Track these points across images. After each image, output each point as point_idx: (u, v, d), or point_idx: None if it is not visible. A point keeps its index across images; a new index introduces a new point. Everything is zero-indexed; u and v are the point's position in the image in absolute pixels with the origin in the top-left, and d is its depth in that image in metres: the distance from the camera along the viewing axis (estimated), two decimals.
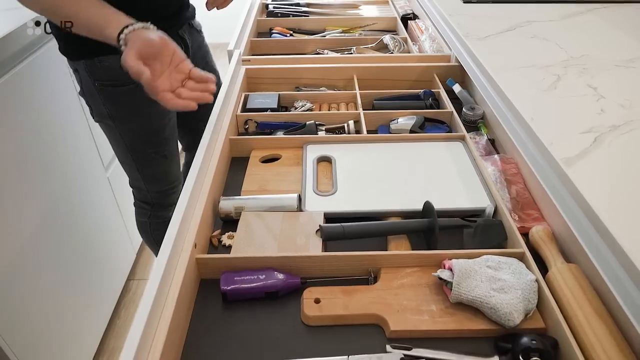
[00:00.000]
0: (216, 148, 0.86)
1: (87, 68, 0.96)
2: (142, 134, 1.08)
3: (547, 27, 1.08)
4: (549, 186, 0.70)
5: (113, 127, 1.07)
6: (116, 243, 1.62)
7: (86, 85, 1.00)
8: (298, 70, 1.13)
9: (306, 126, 0.94)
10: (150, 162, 1.12)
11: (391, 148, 0.89)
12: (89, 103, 1.05)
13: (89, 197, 1.43)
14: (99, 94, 0.99)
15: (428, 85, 1.15)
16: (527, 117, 0.73)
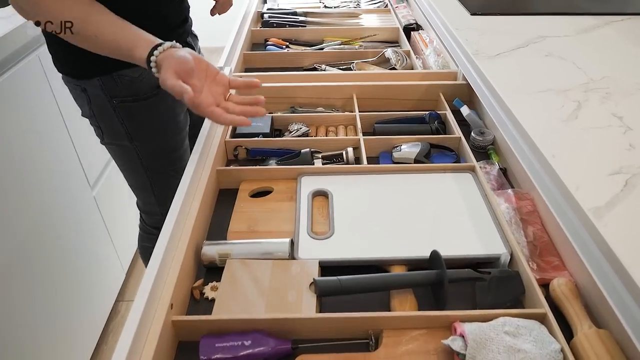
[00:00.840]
0: (201, 181, 0.79)
1: (103, 85, 0.89)
2: (161, 150, 1.03)
3: (562, 44, 1.00)
4: (572, 234, 0.62)
5: (129, 148, 1.00)
6: (104, 264, 1.55)
7: (98, 105, 0.93)
8: (293, 89, 1.05)
9: (301, 155, 0.86)
10: (167, 181, 1.05)
11: (394, 180, 0.81)
12: (99, 124, 0.97)
13: (74, 216, 1.35)
14: (117, 111, 0.93)
15: (433, 105, 1.07)
16: (548, 153, 0.65)
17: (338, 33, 1.42)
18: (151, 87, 0.91)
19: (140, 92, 0.92)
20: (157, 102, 0.93)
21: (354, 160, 0.87)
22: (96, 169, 1.44)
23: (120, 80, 0.89)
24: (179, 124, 1.03)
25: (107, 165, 1.49)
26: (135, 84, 0.90)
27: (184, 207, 0.71)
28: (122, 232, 1.63)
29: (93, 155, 1.42)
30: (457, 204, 0.76)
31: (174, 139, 1.03)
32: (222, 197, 0.84)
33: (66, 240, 1.31)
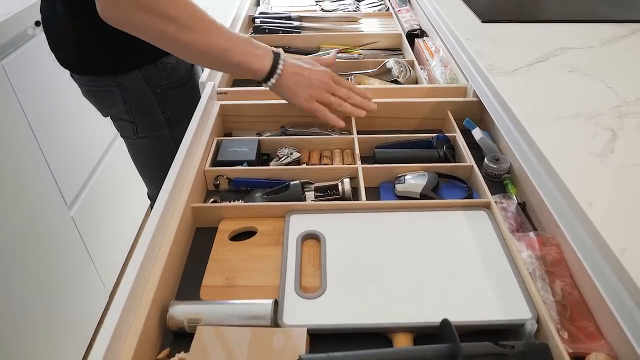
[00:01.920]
0: (173, 220, 0.68)
1: (146, 76, 0.91)
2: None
3: (587, 57, 0.88)
4: (611, 297, 0.51)
5: (167, 137, 1.02)
6: (86, 286, 1.45)
7: (137, 97, 0.94)
8: (284, 107, 0.94)
9: (290, 188, 0.75)
10: None
11: (396, 220, 0.70)
12: (134, 118, 0.97)
13: (51, 238, 1.26)
14: (160, 101, 0.95)
15: (440, 124, 0.96)
16: (584, 201, 0.54)
17: (335, 40, 1.31)
18: (187, 71, 0.96)
19: (179, 78, 0.95)
20: (192, 85, 0.96)
21: (350, 192, 0.76)
22: (73, 188, 1.33)
23: (164, 68, 0.91)
24: None
25: (85, 183, 1.39)
26: (175, 71, 0.93)
27: (150, 254, 0.60)
28: (104, 252, 1.53)
29: (70, 174, 1.32)
30: (470, 251, 0.65)
31: None
32: (199, 238, 0.73)
33: (43, 263, 1.23)
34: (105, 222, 1.52)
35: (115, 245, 1.62)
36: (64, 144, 1.30)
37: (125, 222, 1.70)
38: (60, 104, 1.27)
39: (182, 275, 0.67)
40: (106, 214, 1.53)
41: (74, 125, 1.34)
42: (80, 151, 1.37)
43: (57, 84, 1.26)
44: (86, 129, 1.40)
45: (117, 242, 1.62)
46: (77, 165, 1.35)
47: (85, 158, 1.40)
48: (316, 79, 0.83)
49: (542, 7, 1.18)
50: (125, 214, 1.69)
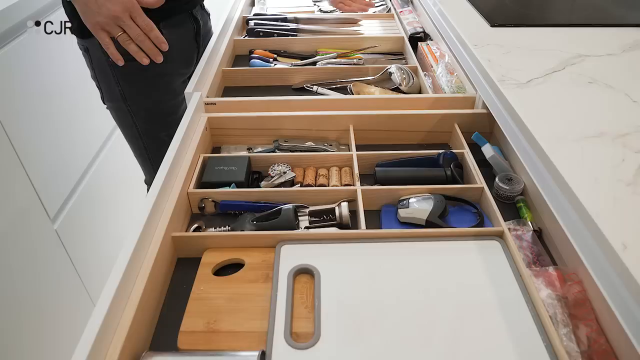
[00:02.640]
0: (150, 251, 0.61)
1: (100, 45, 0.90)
2: (155, 113, 1.06)
3: (607, 66, 0.81)
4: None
5: (125, 111, 1.04)
6: (73, 302, 1.38)
7: (98, 64, 0.98)
8: (278, 119, 0.87)
9: (282, 214, 0.68)
10: (162, 147, 0.94)
11: (399, 251, 0.63)
12: (100, 85, 1.03)
13: (35, 253, 1.19)
14: (112, 71, 0.98)
15: (446, 137, 0.89)
16: (616, 242, 0.47)
17: (334, 43, 1.23)
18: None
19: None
20: (150, 65, 0.91)
21: (348, 217, 0.69)
22: (56, 201, 1.26)
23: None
24: (174, 90, 1.06)
25: (70, 196, 1.31)
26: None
27: (120, 296, 0.53)
28: (92, 266, 1.46)
29: (53, 187, 1.25)
30: (483, 290, 0.58)
31: (167, 103, 1.06)
32: (181, 270, 0.66)
33: (27, 279, 1.16)
34: (92, 235, 1.45)
35: (103, 259, 1.55)
36: (46, 153, 1.22)
37: (114, 234, 1.63)
38: (41, 111, 1.20)
39: (159, 316, 0.60)
40: (93, 227, 1.46)
41: (57, 134, 1.27)
42: (64, 161, 1.30)
43: (38, 88, 1.18)
44: (72, 138, 1.33)
45: (105, 255, 1.55)
46: (61, 176, 1.28)
47: (70, 168, 1.33)
48: (106, 8, 0.81)
49: (555, 10, 1.11)
50: (114, 226, 1.62)
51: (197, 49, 1.11)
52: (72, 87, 1.33)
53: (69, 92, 1.32)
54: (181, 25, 1.04)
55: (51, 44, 1.24)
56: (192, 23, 1.07)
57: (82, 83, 1.35)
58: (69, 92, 1.32)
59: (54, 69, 1.25)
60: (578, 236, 0.54)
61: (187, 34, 1.07)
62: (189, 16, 1.06)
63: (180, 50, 1.05)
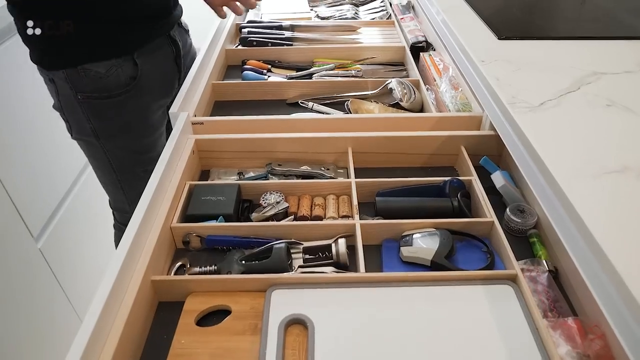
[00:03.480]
0: (127, 297, 0.55)
1: (68, 78, 0.84)
2: (131, 151, 0.96)
3: (625, 85, 0.75)
4: None
5: (97, 146, 0.94)
6: (60, 321, 1.32)
7: (65, 98, 0.88)
8: (271, 142, 0.81)
9: (273, 253, 0.62)
10: (138, 181, 0.93)
11: (402, 297, 0.57)
12: (67, 118, 0.92)
13: (18, 272, 1.14)
14: (82, 107, 0.87)
15: (452, 160, 0.83)
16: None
17: (331, 53, 1.17)
18: (119, 85, 0.86)
19: (107, 89, 0.85)
20: (125, 100, 0.87)
21: (346, 256, 0.63)
22: (39, 220, 1.20)
23: (86, 75, 0.83)
24: (152, 125, 0.97)
25: (54, 214, 1.26)
26: (102, 81, 0.84)
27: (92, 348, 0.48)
28: (77, 283, 1.40)
29: (36, 205, 1.19)
30: (494, 344, 0.52)
31: (144, 140, 0.97)
32: (162, 316, 0.60)
33: (13, 301, 1.11)
34: (77, 253, 1.39)
35: (90, 276, 1.49)
36: (28, 171, 1.16)
37: (100, 250, 1.58)
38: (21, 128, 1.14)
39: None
40: (78, 245, 1.40)
41: (39, 151, 1.21)
42: (47, 178, 1.24)
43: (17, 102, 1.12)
44: (55, 154, 1.27)
45: (91, 272, 1.50)
46: (44, 193, 1.22)
47: (53, 185, 1.27)
48: None
49: (566, 20, 1.04)
50: (100, 242, 1.56)
51: (178, 73, 1.00)
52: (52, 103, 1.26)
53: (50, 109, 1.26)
54: (159, 51, 0.92)
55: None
56: (170, 46, 0.95)
57: None
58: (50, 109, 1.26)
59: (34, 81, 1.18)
60: (600, 289, 0.48)
61: (166, 59, 0.95)
62: (166, 39, 0.94)
63: (159, 79, 0.94)
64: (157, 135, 0.99)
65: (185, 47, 1.02)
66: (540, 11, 1.10)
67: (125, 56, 0.85)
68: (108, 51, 0.83)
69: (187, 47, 1.04)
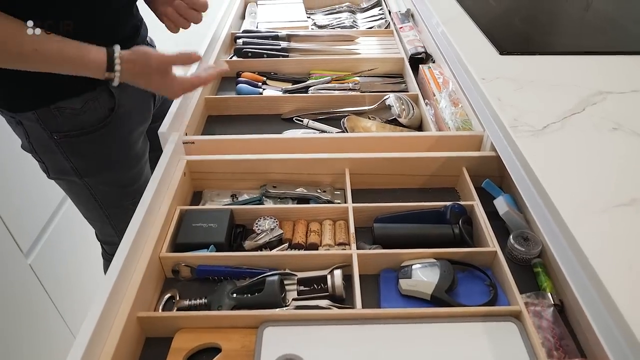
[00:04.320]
0: (112, 335, 0.53)
1: (40, 119, 0.77)
2: (117, 185, 0.92)
3: (633, 106, 0.72)
4: None
5: (80, 184, 0.89)
6: (52, 336, 1.30)
7: (37, 139, 0.81)
8: (266, 163, 0.78)
9: (266, 286, 0.59)
10: (126, 214, 0.80)
11: (400, 335, 0.54)
12: (41, 159, 0.86)
13: (9, 290, 1.11)
14: (60, 147, 0.81)
15: (453, 181, 0.81)
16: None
17: (328, 64, 1.14)
18: (98, 119, 0.81)
19: (85, 125, 0.80)
20: (105, 134, 0.82)
21: (342, 288, 0.61)
22: (29, 235, 1.17)
23: (60, 113, 0.77)
24: (136, 155, 0.91)
25: (44, 230, 1.23)
26: (79, 117, 0.79)
27: None
28: (68, 297, 1.37)
29: (25, 220, 1.16)
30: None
31: (128, 172, 0.92)
32: (149, 351, 0.57)
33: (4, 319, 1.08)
34: (68, 268, 1.36)
35: (81, 291, 1.47)
36: (18, 186, 1.13)
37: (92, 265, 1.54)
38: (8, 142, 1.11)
39: None
40: (69, 260, 1.37)
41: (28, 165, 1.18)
42: (37, 193, 1.21)
43: None
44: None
45: (83, 287, 1.47)
46: (34, 208, 1.19)
47: (42, 200, 1.24)
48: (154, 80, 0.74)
49: (570, 34, 1.02)
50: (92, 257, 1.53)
51: (153, 95, 0.94)
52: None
53: None
54: None
55: None
56: None
57: None
58: None
59: None
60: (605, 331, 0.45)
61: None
62: None
63: (137, 105, 0.88)
64: (142, 164, 0.94)
65: None
66: (542, 21, 1.07)
67: (100, 87, 0.78)
68: (80, 85, 0.74)
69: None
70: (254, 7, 1.48)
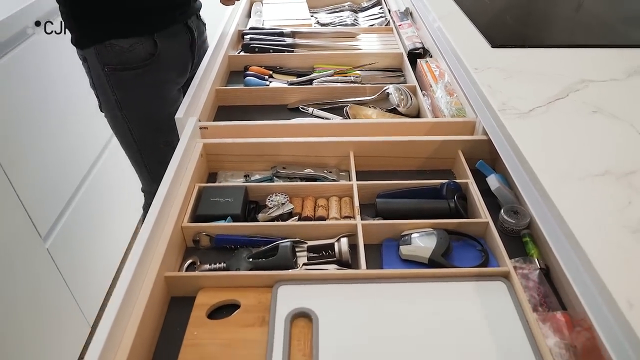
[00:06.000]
0: (142, 293, 0.59)
1: (97, 53, 0.97)
2: (151, 120, 1.07)
3: (611, 93, 0.79)
4: None
5: (121, 119, 1.06)
6: (66, 320, 1.35)
7: (95, 72, 1.00)
8: (276, 146, 0.84)
9: (279, 251, 0.66)
10: (160, 155, 1.07)
11: (400, 292, 0.61)
12: (98, 94, 1.05)
13: (26, 272, 1.17)
14: (108, 79, 1.00)
15: (449, 163, 0.87)
16: (621, 300, 0.45)
17: (331, 59, 1.21)
18: (140, 59, 0.99)
19: (129, 62, 0.98)
20: (144, 73, 1.00)
21: (348, 254, 0.67)
22: (47, 220, 1.23)
23: (112, 49, 0.96)
24: (169, 99, 1.08)
25: (62, 214, 1.29)
26: (125, 54, 0.97)
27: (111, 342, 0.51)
28: (85, 283, 1.43)
29: (43, 204, 1.22)
30: (486, 336, 0.56)
31: (162, 110, 1.06)
32: (174, 310, 0.63)
33: (19, 296, 1.15)
34: (85, 253, 1.42)
35: (97, 277, 1.52)
36: (36, 170, 1.20)
37: (108, 251, 1.61)
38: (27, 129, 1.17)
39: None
40: (86, 244, 1.43)
41: (47, 151, 1.24)
42: (55, 178, 1.27)
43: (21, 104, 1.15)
44: (63, 154, 1.30)
45: (98, 272, 1.53)
46: (52, 194, 1.25)
47: (61, 185, 1.30)
48: None
49: (559, 29, 1.09)
50: (108, 242, 1.59)
51: (192, 59, 1.13)
52: (60, 104, 1.30)
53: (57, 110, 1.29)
54: (176, 36, 1.06)
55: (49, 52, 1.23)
56: (187, 33, 1.09)
57: (71, 98, 1.33)
58: (56, 110, 1.28)
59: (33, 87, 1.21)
60: (582, 285, 0.52)
61: (182, 43, 1.08)
62: (183, 26, 1.07)
63: (175, 59, 1.07)
64: (175, 108, 1.02)
65: (200, 38, 1.15)
66: (533, 19, 1.14)
67: (146, 35, 0.97)
68: (132, 29, 0.96)
69: (202, 37, 1.17)
70: (259, 6, 1.55)
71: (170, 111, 1.03)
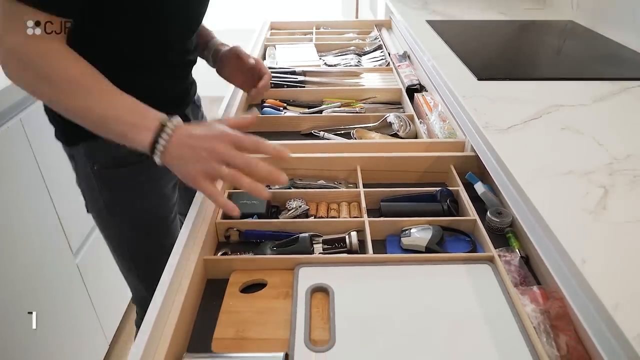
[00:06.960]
0: (186, 272, 0.70)
1: (86, 151, 0.86)
2: (145, 221, 0.96)
3: (579, 115, 0.93)
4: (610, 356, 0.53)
5: (111, 221, 0.95)
6: (86, 335, 1.44)
7: (83, 171, 0.89)
8: (293, 161, 0.98)
9: (299, 241, 0.78)
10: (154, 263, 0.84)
11: (402, 273, 0.72)
12: (85, 193, 0.94)
13: (55, 284, 1.27)
14: (97, 179, 0.89)
15: (444, 177, 1.00)
16: (577, 258, 0.57)
17: (338, 94, 1.37)
18: (136, 154, 0.77)
19: (124, 158, 0.85)
20: (140, 170, 0.88)
21: (358, 245, 0.79)
22: (79, 236, 1.35)
23: (105, 144, 0.78)
24: (165, 195, 0.97)
25: (91, 231, 1.41)
26: (119, 150, 0.76)
27: (165, 307, 0.62)
28: (106, 300, 1.53)
29: (76, 221, 1.34)
30: (475, 305, 0.67)
31: (157, 210, 0.97)
32: (210, 289, 0.75)
33: (46, 308, 1.23)
34: (108, 271, 1.52)
35: (117, 295, 1.62)
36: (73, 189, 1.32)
37: None
38: None
39: (194, 327, 0.68)
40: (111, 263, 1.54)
41: None
42: None
43: None
44: None
45: (119, 291, 1.62)
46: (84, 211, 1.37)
47: None
48: (204, 148, 0.65)
49: (537, 66, 1.25)
50: None
51: None
52: None
53: None
54: None
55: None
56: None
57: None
58: None
59: None
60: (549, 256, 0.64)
61: None
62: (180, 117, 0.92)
63: None
64: (169, 207, 0.99)
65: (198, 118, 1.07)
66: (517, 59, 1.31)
67: None
68: None
69: (198, 118, 1.08)
70: (273, 50, 1.73)
71: (166, 209, 0.98)
